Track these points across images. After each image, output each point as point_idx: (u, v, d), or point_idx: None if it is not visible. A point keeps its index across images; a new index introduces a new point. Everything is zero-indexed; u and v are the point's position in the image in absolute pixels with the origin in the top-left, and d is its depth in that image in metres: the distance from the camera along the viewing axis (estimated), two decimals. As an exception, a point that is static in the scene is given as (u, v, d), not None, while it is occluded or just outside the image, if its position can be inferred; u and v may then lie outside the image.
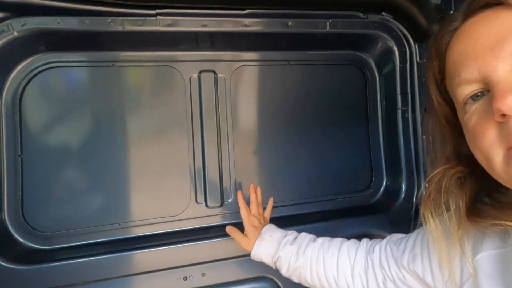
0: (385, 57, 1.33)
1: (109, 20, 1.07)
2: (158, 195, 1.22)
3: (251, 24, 1.17)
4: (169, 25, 1.12)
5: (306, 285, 0.86)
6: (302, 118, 1.36)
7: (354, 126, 1.41)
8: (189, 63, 1.26)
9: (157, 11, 1.10)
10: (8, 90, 1.11)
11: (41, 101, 1.15)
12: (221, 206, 1.26)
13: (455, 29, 0.53)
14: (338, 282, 0.79)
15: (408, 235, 0.73)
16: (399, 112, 1.32)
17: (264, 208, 1.08)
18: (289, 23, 1.20)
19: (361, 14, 1.24)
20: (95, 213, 1.17)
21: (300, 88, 1.36)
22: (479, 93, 0.48)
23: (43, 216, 1.13)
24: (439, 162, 0.60)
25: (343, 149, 1.40)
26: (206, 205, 1.25)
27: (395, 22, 1.27)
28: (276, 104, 1.34)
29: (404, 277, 0.68)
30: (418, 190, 1.30)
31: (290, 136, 1.35)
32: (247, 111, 1.31)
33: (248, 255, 0.95)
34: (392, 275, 0.70)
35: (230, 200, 1.27)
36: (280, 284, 1.19)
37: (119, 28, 1.08)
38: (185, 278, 1.12)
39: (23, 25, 1.03)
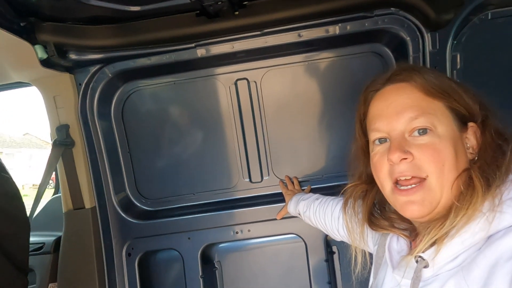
0: (401, 47, 1.40)
1: (164, 57, 1.47)
2: (217, 174, 1.70)
3: (269, 41, 1.41)
4: (206, 51, 1.46)
5: (313, 226, 1.32)
6: (324, 107, 1.60)
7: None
8: (227, 75, 1.60)
9: (195, 43, 1.45)
10: (114, 110, 1.66)
11: (134, 113, 1.69)
12: (261, 181, 1.68)
13: (377, 90, 0.78)
14: (326, 224, 1.20)
15: None
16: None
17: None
18: (302, 33, 1.40)
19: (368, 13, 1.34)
20: (179, 186, 1.73)
21: (320, 81, 1.58)
22: (383, 139, 0.74)
23: (149, 189, 1.75)
24: (354, 177, 0.88)
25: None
26: (250, 181, 1.69)
27: (405, 14, 1.32)
28: (300, 97, 1.60)
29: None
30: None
31: (315, 123, 1.62)
32: (276, 106, 1.62)
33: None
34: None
35: (268, 177, 1.68)
36: (302, 237, 1.60)
37: (172, 60, 1.48)
38: (237, 232, 1.63)
39: (113, 69, 1.52)
